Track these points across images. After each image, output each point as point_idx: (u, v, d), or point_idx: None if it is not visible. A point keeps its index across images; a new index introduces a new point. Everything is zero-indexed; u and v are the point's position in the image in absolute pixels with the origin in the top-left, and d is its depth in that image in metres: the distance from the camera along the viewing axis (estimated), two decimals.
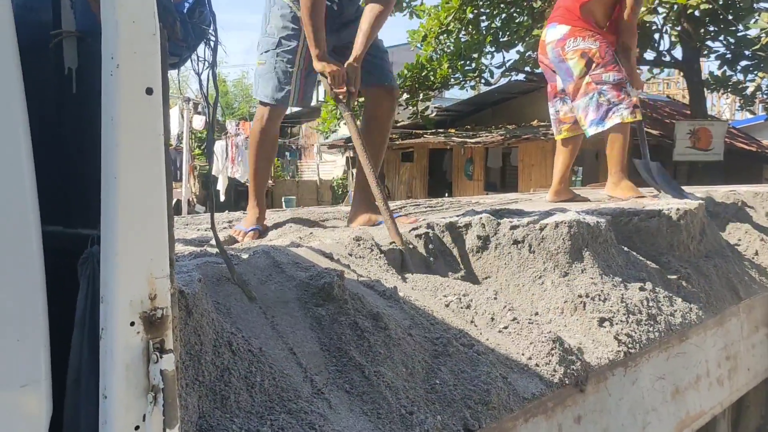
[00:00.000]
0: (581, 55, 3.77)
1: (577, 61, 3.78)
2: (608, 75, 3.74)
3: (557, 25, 3.92)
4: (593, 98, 3.76)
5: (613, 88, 3.73)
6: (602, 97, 3.74)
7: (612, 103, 3.72)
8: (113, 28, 1.13)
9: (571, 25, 3.83)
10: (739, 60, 12.21)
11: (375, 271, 2.26)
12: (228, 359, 1.47)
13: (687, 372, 2.62)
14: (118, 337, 1.13)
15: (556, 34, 3.89)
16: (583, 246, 2.60)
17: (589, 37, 3.77)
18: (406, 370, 1.73)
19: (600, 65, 3.74)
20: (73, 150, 1.39)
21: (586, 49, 3.75)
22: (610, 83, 3.74)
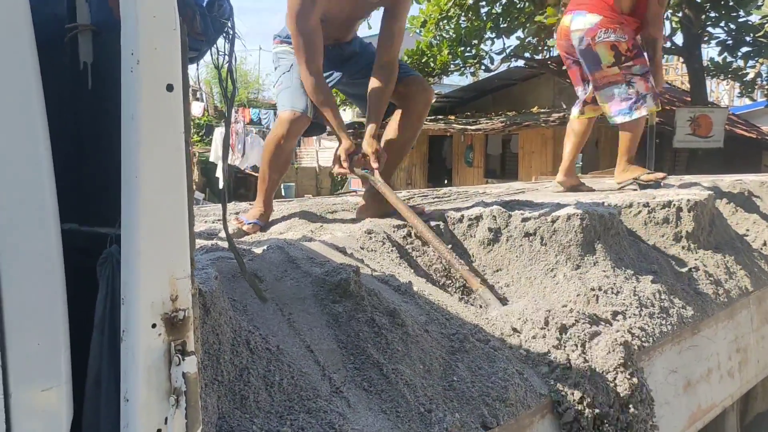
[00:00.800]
0: (611, 47, 3.81)
1: (607, 51, 3.83)
2: (637, 67, 3.82)
3: (587, 14, 3.91)
4: (622, 88, 3.84)
5: (641, 80, 3.82)
6: (631, 88, 3.81)
7: (640, 95, 3.81)
8: (133, 24, 1.09)
9: (603, 15, 3.85)
10: (740, 46, 12.17)
11: (388, 265, 2.23)
12: (246, 358, 1.45)
13: (699, 365, 2.61)
14: (139, 339, 1.10)
15: (586, 23, 3.88)
16: (596, 238, 2.58)
17: (620, 29, 3.82)
18: (423, 367, 1.71)
19: (630, 58, 3.81)
20: (88, 146, 1.36)
21: (617, 42, 3.80)
22: (639, 75, 3.82)
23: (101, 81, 1.31)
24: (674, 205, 3.07)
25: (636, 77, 3.80)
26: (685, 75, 14.88)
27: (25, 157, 1.08)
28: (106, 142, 1.28)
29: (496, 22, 12.44)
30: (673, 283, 2.69)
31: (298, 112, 2.72)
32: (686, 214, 3.07)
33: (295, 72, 2.78)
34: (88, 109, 1.33)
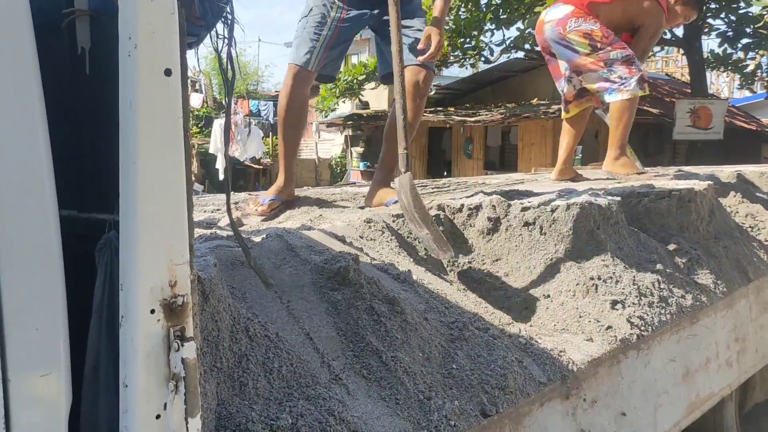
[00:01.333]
0: (584, 35, 3.78)
1: (581, 39, 3.80)
2: (616, 53, 3.76)
3: (561, 5, 3.94)
4: (603, 73, 3.79)
5: (622, 64, 3.75)
6: (612, 74, 3.76)
7: (624, 78, 3.74)
8: (131, 7, 1.09)
9: (574, 5, 3.85)
10: (740, 38, 12.14)
11: (387, 254, 2.23)
12: (245, 345, 1.45)
13: (697, 354, 2.61)
14: (138, 325, 1.10)
15: (558, 13, 3.90)
16: (595, 228, 2.57)
17: (591, 19, 3.80)
18: (422, 354, 1.71)
19: (606, 44, 3.76)
20: (85, 132, 1.35)
21: (588, 30, 3.77)
22: (619, 60, 3.75)
23: (99, 66, 1.31)
24: (674, 195, 3.07)
25: (616, 63, 3.75)
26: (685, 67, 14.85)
27: (23, 143, 1.08)
28: (104, 127, 1.27)
29: (495, 13, 12.39)
30: (673, 273, 2.69)
31: (298, 65, 2.72)
32: (686, 203, 3.07)
33: (310, 18, 2.78)
34: (86, 95, 1.33)
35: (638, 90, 3.75)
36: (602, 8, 3.85)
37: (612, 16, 3.89)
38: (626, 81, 3.74)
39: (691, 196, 3.10)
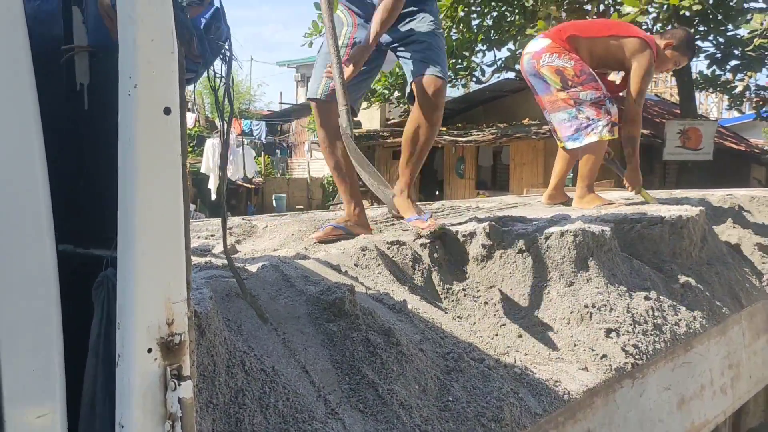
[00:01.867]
0: (555, 72, 3.77)
1: (553, 75, 3.79)
2: (586, 93, 3.73)
3: (540, 38, 3.95)
4: (572, 113, 3.77)
5: (591, 106, 3.72)
6: (581, 114, 3.74)
7: (591, 120, 3.72)
8: (131, 47, 1.09)
9: (552, 40, 3.85)
10: (729, 59, 12.27)
11: (381, 282, 2.23)
12: (241, 380, 1.44)
13: (692, 381, 2.61)
14: (135, 364, 1.10)
15: (535, 46, 3.91)
16: (589, 255, 2.58)
17: (565, 55, 3.77)
18: (418, 387, 1.71)
19: (576, 83, 3.74)
20: (84, 167, 1.35)
21: (561, 67, 3.76)
22: (588, 102, 3.72)
23: (98, 101, 1.31)
24: (666, 221, 3.08)
25: (585, 103, 3.72)
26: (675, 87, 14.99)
27: (21, 177, 1.07)
28: (102, 163, 1.28)
29: (487, 34, 12.51)
30: (666, 300, 2.69)
31: (309, 98, 2.78)
32: (678, 230, 3.08)
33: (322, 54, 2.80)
34: (85, 130, 1.33)
35: (606, 134, 3.71)
36: (582, 42, 3.84)
37: (594, 51, 3.87)
38: (593, 123, 3.71)
39: (684, 222, 3.12)
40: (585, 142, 3.75)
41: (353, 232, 2.69)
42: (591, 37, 3.85)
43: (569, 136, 3.81)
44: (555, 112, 3.85)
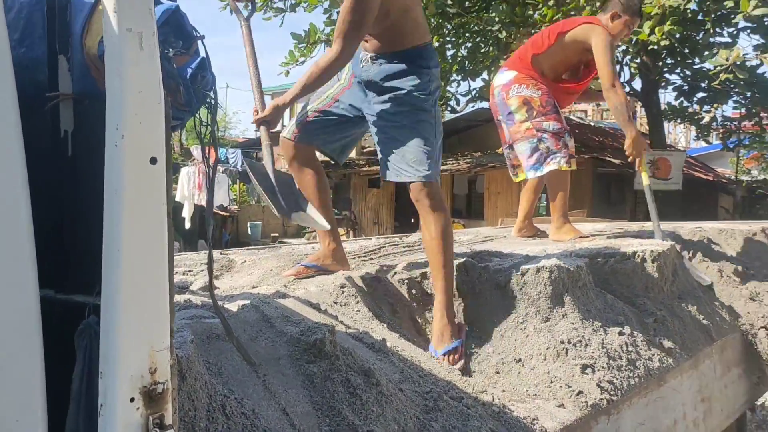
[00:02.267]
0: (523, 102, 3.88)
1: (519, 106, 3.90)
2: (548, 124, 3.85)
3: (506, 71, 4.06)
4: (533, 144, 3.88)
5: (552, 137, 3.83)
6: (542, 144, 3.85)
7: (550, 151, 3.84)
8: (118, 98, 1.11)
9: (518, 71, 3.95)
10: (696, 92, 12.61)
11: (361, 320, 2.24)
12: (222, 424, 1.44)
13: (665, 416, 2.65)
14: (117, 413, 1.10)
15: (503, 78, 4.01)
16: (564, 291, 2.62)
17: (533, 85, 3.89)
18: (398, 427, 1.72)
19: (541, 113, 3.85)
20: (66, 213, 1.36)
21: (528, 97, 3.87)
22: (550, 132, 3.84)
23: (82, 148, 1.32)
24: (638, 255, 3.14)
25: (547, 134, 3.83)
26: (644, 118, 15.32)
27: (5, 221, 1.08)
28: (86, 209, 1.28)
29: (461, 64, 12.70)
30: (640, 334, 2.74)
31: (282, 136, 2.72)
32: (650, 264, 3.15)
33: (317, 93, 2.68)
34: (68, 176, 1.33)
35: (564, 165, 3.83)
36: (542, 59, 3.92)
37: (555, 61, 3.95)
38: (552, 154, 3.83)
39: (655, 256, 3.18)
40: (545, 171, 3.86)
41: (329, 270, 2.62)
42: (546, 50, 3.92)
43: (531, 166, 3.91)
44: (517, 143, 3.95)
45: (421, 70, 2.47)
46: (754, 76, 10.51)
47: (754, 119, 13.09)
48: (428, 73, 2.49)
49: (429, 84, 2.49)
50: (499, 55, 11.80)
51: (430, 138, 2.45)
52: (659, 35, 8.79)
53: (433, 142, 2.46)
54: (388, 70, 2.48)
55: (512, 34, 10.76)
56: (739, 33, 11.11)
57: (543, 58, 3.93)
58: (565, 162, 3.83)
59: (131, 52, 1.11)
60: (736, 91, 11.68)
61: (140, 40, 1.11)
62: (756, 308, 3.76)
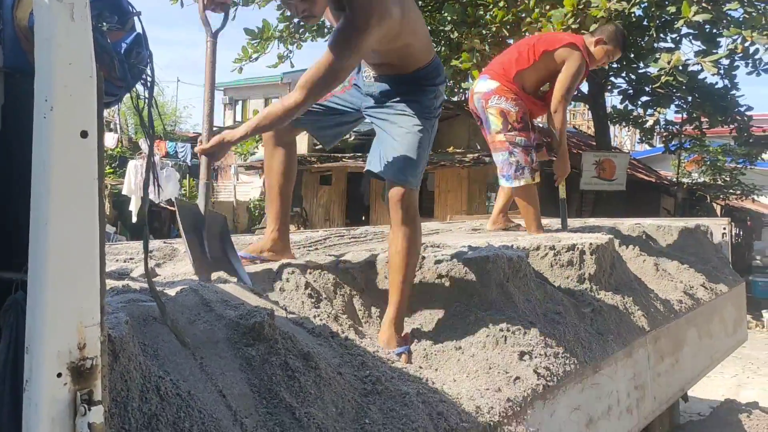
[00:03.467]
0: (500, 113, 4.04)
1: (496, 117, 4.06)
2: (521, 139, 4.04)
3: (488, 79, 4.18)
4: (505, 156, 4.08)
5: (522, 151, 4.05)
6: (512, 157, 4.06)
7: (519, 165, 4.05)
8: (48, 70, 1.10)
9: (500, 83, 4.09)
10: (640, 96, 12.96)
11: (302, 306, 2.25)
12: (156, 405, 1.43)
13: (600, 402, 2.73)
14: (43, 389, 1.08)
15: (485, 87, 4.15)
16: (504, 280, 2.68)
17: (512, 99, 4.04)
18: (336, 410, 1.73)
19: (515, 128, 4.03)
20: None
21: (506, 110, 4.03)
22: (521, 146, 4.04)
23: (12, 123, 1.29)
24: (578, 248, 3.23)
25: (518, 148, 4.04)
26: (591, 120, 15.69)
27: None
28: (14, 185, 1.26)
29: None
30: (577, 324, 2.82)
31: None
32: (589, 257, 3.24)
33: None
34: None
35: (530, 179, 4.08)
36: (526, 74, 4.11)
37: (537, 77, 4.16)
38: (521, 169, 4.05)
39: (594, 249, 3.27)
40: (514, 185, 4.10)
41: (269, 260, 2.57)
42: (530, 66, 4.10)
43: (504, 175, 4.15)
44: (494, 152, 4.17)
45: (425, 89, 2.48)
46: (695, 81, 10.84)
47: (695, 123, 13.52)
48: (433, 90, 2.50)
49: (434, 100, 2.51)
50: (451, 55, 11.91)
51: (423, 146, 2.43)
52: None
53: (424, 151, 2.45)
54: (391, 90, 2.49)
55: (463, 34, 10.86)
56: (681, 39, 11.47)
57: (526, 73, 4.11)
58: (531, 176, 4.07)
59: (62, 23, 1.09)
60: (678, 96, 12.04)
61: (71, 11, 1.10)
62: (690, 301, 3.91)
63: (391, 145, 2.42)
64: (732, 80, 11.40)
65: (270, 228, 2.68)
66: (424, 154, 2.45)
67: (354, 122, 2.75)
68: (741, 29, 8.93)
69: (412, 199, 2.40)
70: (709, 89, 11.40)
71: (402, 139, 2.41)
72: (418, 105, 2.46)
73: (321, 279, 2.44)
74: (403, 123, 2.44)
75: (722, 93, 11.49)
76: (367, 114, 2.58)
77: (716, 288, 4.45)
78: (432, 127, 2.51)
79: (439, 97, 2.53)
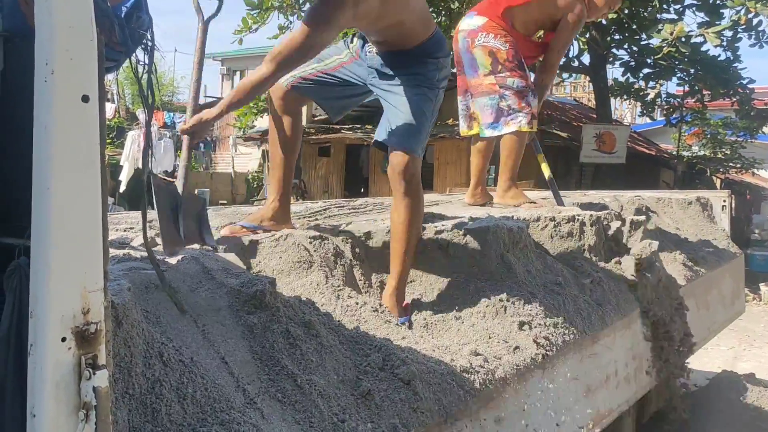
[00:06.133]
0: (489, 53, 3.65)
1: (485, 57, 3.66)
2: (513, 80, 3.63)
3: (474, 16, 3.81)
4: (494, 100, 3.65)
5: (515, 95, 3.64)
6: (503, 101, 3.64)
7: (512, 110, 3.63)
8: (48, 33, 1.08)
9: (489, 18, 3.71)
10: (642, 68, 12.89)
11: (301, 277, 2.26)
12: (159, 371, 1.44)
13: (598, 372, 2.76)
14: (48, 353, 1.09)
15: (471, 24, 3.76)
16: (505, 251, 2.69)
17: (502, 36, 3.65)
18: (337, 377, 1.75)
19: (506, 68, 3.64)
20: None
21: (495, 49, 3.64)
22: (513, 89, 3.64)
23: (12, 87, 1.28)
24: (578, 219, 3.23)
25: (510, 90, 3.62)
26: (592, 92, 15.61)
27: None
28: (15, 150, 1.25)
29: None
30: (576, 295, 2.83)
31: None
32: (589, 228, 3.24)
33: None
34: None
35: (525, 125, 3.64)
36: (517, 12, 3.73)
37: (529, 18, 3.77)
38: (514, 114, 3.63)
39: (594, 220, 3.28)
40: (503, 132, 3.67)
41: (269, 230, 2.55)
42: (523, 4, 3.74)
43: (489, 124, 3.70)
44: (478, 97, 3.75)
45: (426, 61, 2.48)
46: (697, 53, 10.78)
47: (696, 96, 13.47)
48: (435, 63, 2.49)
49: (436, 72, 2.50)
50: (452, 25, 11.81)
51: (426, 115, 2.45)
52: None
53: (428, 120, 2.46)
54: (392, 63, 2.49)
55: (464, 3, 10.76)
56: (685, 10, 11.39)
57: (518, 11, 3.72)
58: (527, 123, 3.64)
59: None
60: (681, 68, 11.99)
61: None
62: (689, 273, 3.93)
63: (394, 113, 2.43)
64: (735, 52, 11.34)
65: (271, 197, 2.68)
66: (428, 123, 2.46)
67: (361, 95, 2.75)
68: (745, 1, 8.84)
69: (415, 167, 2.40)
70: (711, 61, 11.33)
71: (404, 108, 2.42)
72: (421, 77, 2.47)
73: (321, 249, 2.44)
74: (405, 93, 2.44)
75: (724, 65, 11.43)
76: (372, 86, 2.59)
77: (715, 260, 4.47)
78: (436, 97, 2.51)
79: (441, 69, 2.52)
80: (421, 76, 2.47)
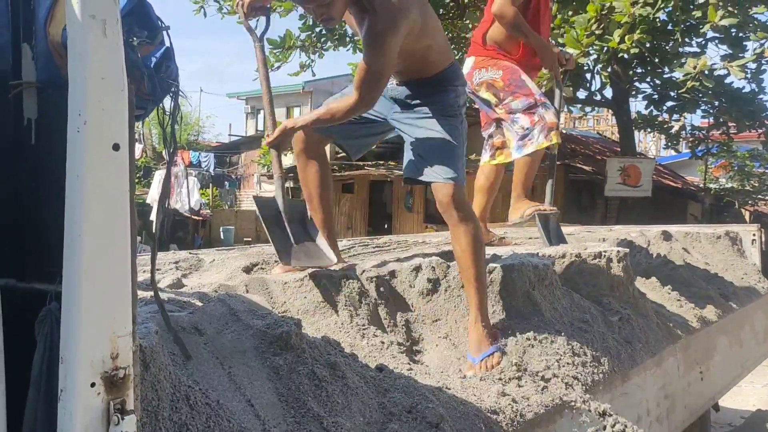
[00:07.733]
0: (487, 87, 3.70)
1: (487, 93, 3.71)
2: (517, 102, 3.62)
3: (467, 59, 3.88)
4: (514, 125, 3.67)
5: (524, 114, 3.61)
6: (516, 125, 3.64)
7: (526, 130, 3.61)
8: (81, 84, 1.11)
9: (475, 56, 3.77)
10: (665, 101, 12.83)
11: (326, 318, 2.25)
12: (186, 414, 1.44)
13: (629, 411, 2.69)
14: (77, 398, 1.10)
15: (466, 69, 3.76)
16: (530, 288, 2.66)
17: (492, 66, 3.67)
18: (363, 419, 1.73)
19: (508, 93, 3.65)
20: (28, 202, 1.35)
21: (490, 80, 3.68)
22: (521, 109, 3.62)
23: (45, 136, 1.32)
24: (604, 255, 3.20)
25: (518, 113, 3.61)
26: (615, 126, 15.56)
27: None
28: (47, 197, 1.28)
29: None
30: (605, 332, 2.79)
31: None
32: (616, 264, 3.20)
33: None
34: (31, 165, 1.33)
35: (543, 140, 3.57)
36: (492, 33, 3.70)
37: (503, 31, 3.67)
38: (529, 133, 3.59)
39: (621, 256, 3.24)
40: (524, 153, 3.65)
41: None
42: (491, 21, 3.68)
43: (515, 147, 3.69)
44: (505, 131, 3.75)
45: (447, 89, 2.53)
46: (721, 86, 10.72)
47: (722, 128, 13.35)
48: (454, 90, 2.55)
49: (456, 99, 2.56)
50: None
51: (458, 141, 2.48)
52: (629, 43, 8.92)
53: (461, 145, 2.50)
54: (414, 93, 2.54)
55: None
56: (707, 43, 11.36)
57: (493, 31, 3.70)
58: (544, 137, 3.57)
59: (94, 39, 1.11)
60: (705, 101, 11.92)
61: (104, 27, 1.12)
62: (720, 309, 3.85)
63: (424, 146, 2.46)
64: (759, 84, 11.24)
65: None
66: (461, 149, 2.51)
67: (381, 134, 2.80)
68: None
69: (462, 195, 2.45)
70: (735, 93, 11.25)
71: (435, 138, 2.45)
72: (442, 105, 2.52)
73: (347, 288, 2.44)
74: (431, 125, 2.48)
75: (749, 97, 11.33)
76: (393, 120, 2.62)
77: (746, 296, 4.38)
78: (461, 123, 2.55)
79: (460, 97, 2.59)
80: (442, 104, 2.51)
